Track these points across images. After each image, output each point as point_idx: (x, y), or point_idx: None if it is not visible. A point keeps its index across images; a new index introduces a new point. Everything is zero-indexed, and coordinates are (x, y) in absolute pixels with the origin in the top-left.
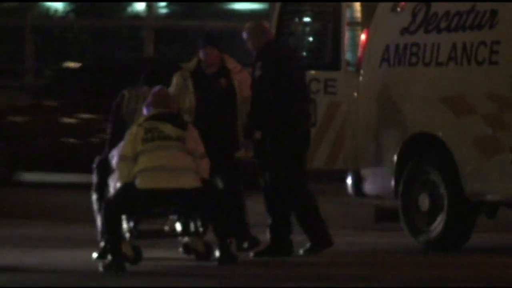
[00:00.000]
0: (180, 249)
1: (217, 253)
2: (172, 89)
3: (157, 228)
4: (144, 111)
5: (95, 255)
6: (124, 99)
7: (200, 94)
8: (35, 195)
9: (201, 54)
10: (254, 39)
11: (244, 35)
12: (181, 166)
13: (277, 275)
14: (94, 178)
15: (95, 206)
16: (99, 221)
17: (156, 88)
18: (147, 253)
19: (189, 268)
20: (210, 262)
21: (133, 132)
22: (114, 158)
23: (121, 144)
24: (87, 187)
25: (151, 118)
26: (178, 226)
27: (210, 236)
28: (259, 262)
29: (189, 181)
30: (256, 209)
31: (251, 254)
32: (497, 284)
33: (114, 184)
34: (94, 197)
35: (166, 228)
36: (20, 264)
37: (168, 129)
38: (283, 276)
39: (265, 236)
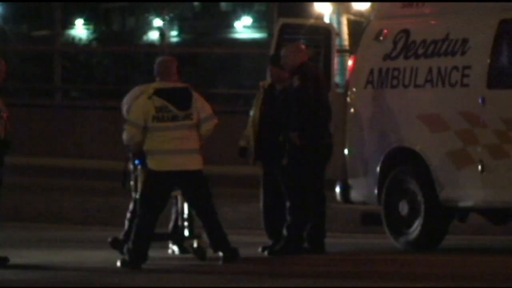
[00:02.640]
0: (174, 249)
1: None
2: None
3: (163, 231)
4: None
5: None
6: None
7: (265, 107)
8: (60, 201)
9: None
10: (291, 57)
11: (282, 52)
12: (189, 147)
13: (278, 273)
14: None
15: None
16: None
17: (161, 58)
18: (159, 253)
19: (200, 266)
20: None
21: (145, 104)
22: (125, 106)
23: (132, 93)
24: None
25: (158, 93)
26: (186, 231)
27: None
28: (259, 259)
29: (195, 163)
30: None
31: (266, 252)
32: (474, 280)
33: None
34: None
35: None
36: (48, 263)
37: (176, 109)
38: (284, 273)
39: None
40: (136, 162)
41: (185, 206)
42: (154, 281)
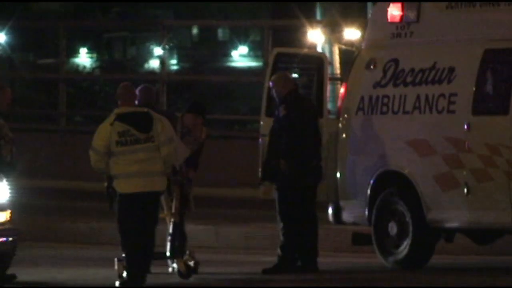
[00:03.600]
0: (174, 267)
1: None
2: None
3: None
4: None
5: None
6: None
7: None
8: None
9: None
10: (279, 87)
11: (271, 83)
12: (153, 169)
13: None
14: None
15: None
16: None
17: (122, 83)
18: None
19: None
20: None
21: (106, 131)
22: None
23: None
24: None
25: (121, 118)
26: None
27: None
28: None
29: (158, 184)
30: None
31: (261, 271)
32: None
33: None
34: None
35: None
36: (53, 280)
37: (137, 132)
38: None
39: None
40: None
41: (170, 226)
42: None
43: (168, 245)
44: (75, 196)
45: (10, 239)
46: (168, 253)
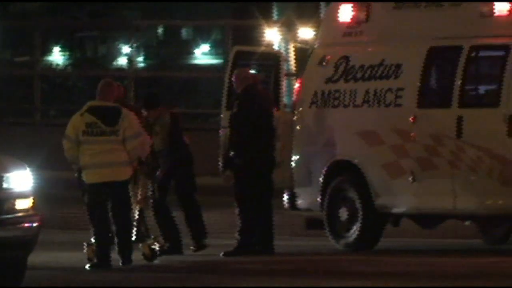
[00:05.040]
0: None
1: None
2: None
3: None
4: None
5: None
6: None
7: None
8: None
9: None
10: (237, 82)
11: (233, 78)
12: (117, 160)
13: (233, 270)
14: None
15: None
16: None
17: (102, 80)
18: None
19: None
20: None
21: (76, 120)
22: None
23: None
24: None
25: (91, 110)
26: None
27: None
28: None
29: (122, 174)
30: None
31: (221, 254)
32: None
33: None
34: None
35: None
36: (29, 263)
37: (103, 125)
38: (237, 271)
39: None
40: None
41: (136, 213)
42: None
43: (134, 230)
44: (49, 185)
45: (34, 224)
46: (134, 238)
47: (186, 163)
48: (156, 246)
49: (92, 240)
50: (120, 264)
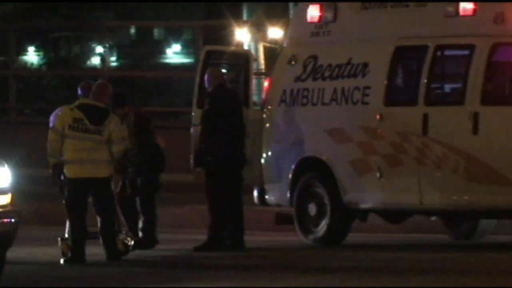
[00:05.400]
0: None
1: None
2: None
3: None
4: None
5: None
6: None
7: None
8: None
9: None
10: (209, 81)
11: (205, 77)
12: (99, 158)
13: (203, 265)
14: None
15: None
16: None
17: (99, 80)
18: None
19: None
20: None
21: (65, 114)
22: (51, 122)
23: (57, 110)
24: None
25: (80, 107)
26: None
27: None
28: (188, 256)
29: (102, 171)
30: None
31: (192, 248)
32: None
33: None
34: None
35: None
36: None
37: (89, 122)
38: (207, 266)
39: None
40: None
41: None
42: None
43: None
44: (25, 181)
45: (13, 220)
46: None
47: (152, 165)
48: (129, 241)
49: (66, 235)
50: (106, 258)
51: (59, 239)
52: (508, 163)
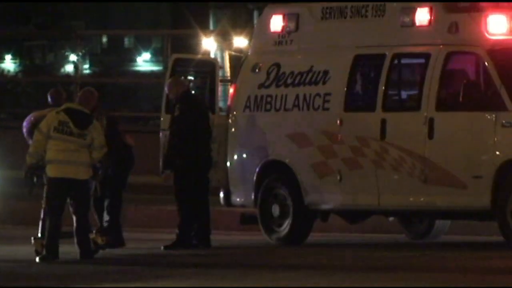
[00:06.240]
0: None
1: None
2: None
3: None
4: None
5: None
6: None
7: None
8: None
9: None
10: (173, 90)
11: (166, 88)
12: (80, 160)
13: (172, 263)
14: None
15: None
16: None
17: (86, 88)
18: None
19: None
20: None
21: (51, 117)
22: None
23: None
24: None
25: (66, 111)
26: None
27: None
28: (157, 254)
29: (82, 173)
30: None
31: (162, 247)
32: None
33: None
34: None
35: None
36: None
37: (74, 126)
38: (176, 264)
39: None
40: None
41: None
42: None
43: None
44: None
45: None
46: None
47: (122, 164)
48: (99, 240)
49: (40, 234)
50: (79, 257)
51: (32, 238)
52: (461, 166)
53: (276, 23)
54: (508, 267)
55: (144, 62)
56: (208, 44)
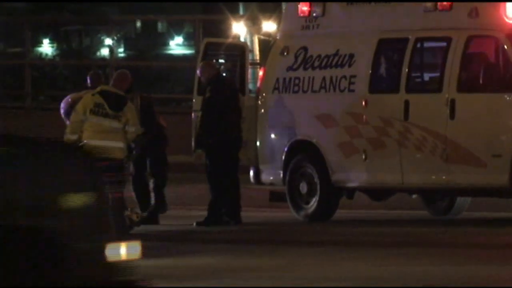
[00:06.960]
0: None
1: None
2: None
3: None
4: None
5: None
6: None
7: None
8: None
9: None
10: (205, 72)
11: (198, 71)
12: (113, 140)
13: (204, 239)
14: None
15: None
16: None
17: (121, 70)
18: None
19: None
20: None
21: (87, 99)
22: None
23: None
24: None
25: (102, 93)
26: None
27: None
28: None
29: (117, 153)
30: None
31: (194, 223)
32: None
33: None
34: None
35: None
36: None
37: (109, 108)
38: (208, 240)
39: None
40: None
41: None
42: None
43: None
44: None
45: None
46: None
47: (158, 143)
48: (134, 216)
49: None
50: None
51: None
52: (481, 145)
53: (304, 8)
54: None
55: (176, 46)
56: (238, 28)
